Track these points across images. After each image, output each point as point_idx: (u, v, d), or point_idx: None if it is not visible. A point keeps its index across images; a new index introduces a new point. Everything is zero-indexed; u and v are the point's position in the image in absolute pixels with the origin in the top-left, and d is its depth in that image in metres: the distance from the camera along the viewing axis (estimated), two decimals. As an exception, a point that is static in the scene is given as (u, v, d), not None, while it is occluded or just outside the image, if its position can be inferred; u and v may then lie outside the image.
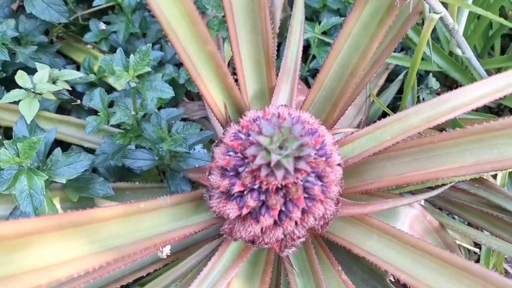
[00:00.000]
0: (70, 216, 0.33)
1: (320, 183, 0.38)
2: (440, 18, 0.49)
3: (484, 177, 0.61)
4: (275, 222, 0.39)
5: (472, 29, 0.83)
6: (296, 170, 0.34)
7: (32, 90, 0.58)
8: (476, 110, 0.93)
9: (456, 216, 0.80)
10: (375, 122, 0.53)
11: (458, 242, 0.83)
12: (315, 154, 0.37)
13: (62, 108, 0.86)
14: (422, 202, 0.75)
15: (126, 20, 0.78)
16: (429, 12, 0.49)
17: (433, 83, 0.83)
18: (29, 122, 0.57)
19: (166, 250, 0.46)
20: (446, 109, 0.51)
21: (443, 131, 0.54)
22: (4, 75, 0.84)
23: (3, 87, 0.80)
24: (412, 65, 0.57)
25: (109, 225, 0.36)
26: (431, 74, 0.85)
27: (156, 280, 0.65)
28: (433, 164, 0.50)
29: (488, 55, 0.94)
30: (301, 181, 0.36)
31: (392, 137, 0.52)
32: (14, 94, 0.58)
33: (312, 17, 0.96)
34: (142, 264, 0.50)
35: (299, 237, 0.42)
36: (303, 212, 0.39)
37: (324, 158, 0.38)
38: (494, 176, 0.79)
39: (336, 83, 0.51)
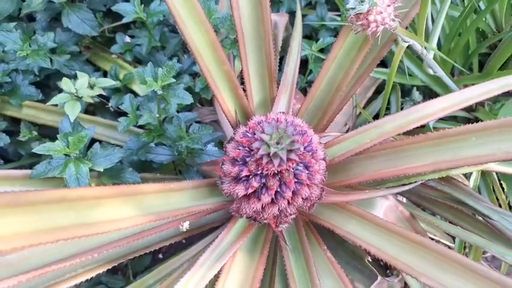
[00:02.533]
0: (124, 188, 0.47)
1: (307, 171, 0.52)
2: (410, 45, 0.63)
3: (450, 175, 0.75)
4: (272, 201, 0.53)
5: (453, 47, 0.97)
6: (288, 159, 0.48)
7: (75, 94, 0.72)
8: (457, 121, 1.07)
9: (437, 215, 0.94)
10: (358, 128, 0.67)
11: (437, 238, 0.97)
12: (304, 149, 0.51)
13: (85, 110, 1.00)
14: (405, 200, 0.89)
15: (148, 34, 0.93)
16: (401, 40, 0.64)
17: (416, 95, 0.98)
18: (72, 121, 0.71)
19: (186, 225, 0.60)
20: (415, 118, 0.65)
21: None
22: (38, 79, 0.99)
23: (39, 90, 0.95)
24: (387, 81, 0.71)
25: (149, 198, 0.50)
26: (415, 88, 1.00)
27: (167, 263, 0.79)
28: (402, 163, 0.64)
29: (469, 70, 1.08)
30: (292, 169, 0.51)
31: (371, 140, 0.66)
32: (60, 97, 0.73)
33: (312, 34, 1.11)
34: (167, 235, 0.64)
35: (290, 214, 0.56)
36: (293, 193, 0.53)
37: (310, 153, 0.52)
38: (468, 177, 0.93)
39: (325, 95, 0.66)
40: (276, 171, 0.50)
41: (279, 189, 0.52)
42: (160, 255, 1.24)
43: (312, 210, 0.60)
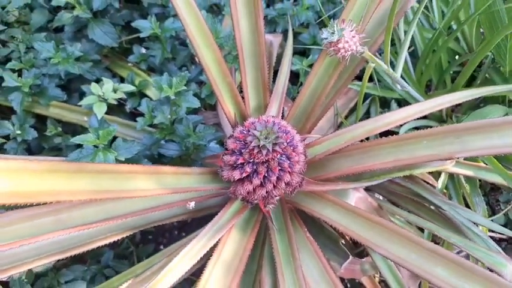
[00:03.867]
0: (149, 168, 0.65)
1: (288, 161, 0.70)
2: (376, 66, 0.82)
3: (415, 175, 0.93)
4: (261, 184, 0.71)
5: (427, 63, 1.16)
6: (273, 150, 0.67)
7: (102, 96, 0.91)
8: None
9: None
10: (337, 132, 0.86)
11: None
12: (286, 144, 0.70)
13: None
14: (381, 197, 1.07)
15: (162, 47, 1.12)
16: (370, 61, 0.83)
17: (394, 107, 1.17)
18: (99, 119, 0.90)
19: (192, 204, 0.78)
20: (380, 125, 0.83)
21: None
22: (62, 83, 1.18)
23: (64, 92, 1.14)
24: (359, 94, 0.90)
25: (166, 177, 0.68)
26: (393, 100, 1.19)
27: (169, 247, 0.97)
28: (370, 160, 0.83)
29: (444, 83, 1.27)
30: (277, 159, 0.69)
31: (345, 142, 0.84)
32: (89, 98, 0.92)
33: (305, 50, 1.31)
34: (177, 213, 0.82)
35: (276, 196, 0.75)
36: (278, 178, 0.71)
37: (291, 147, 0.71)
38: (436, 178, 1.11)
39: (308, 104, 0.85)
40: (264, 160, 0.68)
41: (266, 174, 0.70)
42: (162, 247, 1.41)
43: (293, 194, 0.78)
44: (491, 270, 0.73)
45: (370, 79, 1.34)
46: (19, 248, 0.63)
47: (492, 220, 1.25)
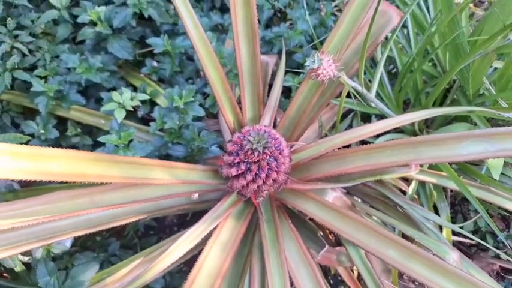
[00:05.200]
0: (165, 162, 0.88)
1: (276, 162, 0.93)
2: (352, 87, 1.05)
3: (383, 179, 1.15)
4: (253, 179, 0.93)
5: (405, 83, 1.40)
6: (263, 152, 0.89)
7: (122, 104, 1.14)
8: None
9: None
10: (318, 140, 1.08)
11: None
12: (274, 148, 0.92)
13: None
14: (360, 200, 1.29)
15: (171, 61, 1.35)
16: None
17: (375, 121, 1.39)
18: (119, 122, 1.12)
19: (196, 195, 1.00)
20: (355, 135, 1.06)
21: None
22: (80, 89, 1.41)
23: (83, 97, 1.37)
24: (338, 110, 1.13)
25: (177, 170, 0.90)
26: (373, 116, 1.42)
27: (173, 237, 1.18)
28: (345, 165, 1.05)
29: (420, 102, 1.51)
30: (266, 159, 0.91)
31: (326, 149, 1.07)
32: (110, 105, 1.14)
33: (299, 66, 1.54)
34: (183, 202, 1.04)
35: (265, 190, 0.97)
36: (266, 175, 0.93)
37: (278, 151, 0.93)
38: (408, 184, 1.33)
39: (295, 116, 1.08)
40: (255, 160, 0.91)
41: (257, 172, 0.92)
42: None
43: (280, 190, 1.00)
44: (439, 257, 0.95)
45: (354, 96, 1.58)
46: (60, 222, 0.85)
47: (462, 227, 1.47)
